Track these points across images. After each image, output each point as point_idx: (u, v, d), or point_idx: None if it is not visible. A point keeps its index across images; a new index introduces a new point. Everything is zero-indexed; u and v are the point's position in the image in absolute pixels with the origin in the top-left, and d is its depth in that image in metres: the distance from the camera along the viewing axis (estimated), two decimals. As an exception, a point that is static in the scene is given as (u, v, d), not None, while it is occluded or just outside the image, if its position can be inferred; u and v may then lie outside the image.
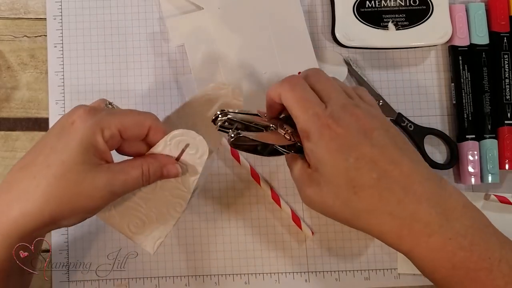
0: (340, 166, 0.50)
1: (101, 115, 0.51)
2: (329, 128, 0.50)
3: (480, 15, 0.72)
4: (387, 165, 0.50)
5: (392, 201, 0.49)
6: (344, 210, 0.51)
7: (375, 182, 0.49)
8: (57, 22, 0.73)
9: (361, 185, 0.49)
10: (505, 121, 0.71)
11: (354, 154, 0.50)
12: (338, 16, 0.71)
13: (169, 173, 0.54)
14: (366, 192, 0.49)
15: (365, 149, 0.50)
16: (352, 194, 0.50)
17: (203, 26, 0.71)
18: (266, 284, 0.70)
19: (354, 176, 0.49)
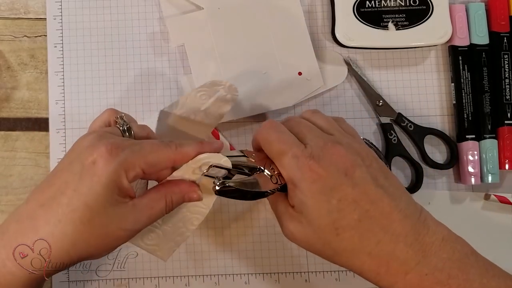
0: (322, 209, 0.50)
1: (124, 155, 0.49)
2: (310, 169, 0.50)
3: (480, 15, 0.72)
4: (368, 205, 0.50)
5: (372, 241, 0.49)
6: (326, 250, 0.51)
7: (356, 224, 0.49)
8: (57, 22, 0.73)
9: (343, 227, 0.50)
10: (505, 121, 0.71)
11: (336, 195, 0.50)
12: (338, 16, 0.71)
13: (191, 199, 0.54)
14: (348, 233, 0.50)
15: (347, 189, 0.50)
16: (334, 236, 0.50)
17: (203, 26, 0.71)
18: (266, 284, 0.70)
19: (337, 218, 0.50)
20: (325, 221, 0.50)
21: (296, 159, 0.51)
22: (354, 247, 0.50)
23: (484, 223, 0.71)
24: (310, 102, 0.73)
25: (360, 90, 0.73)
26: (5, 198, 0.70)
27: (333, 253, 0.51)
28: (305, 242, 0.52)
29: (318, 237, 0.50)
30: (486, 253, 0.71)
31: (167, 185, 0.54)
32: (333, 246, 0.50)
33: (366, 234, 0.49)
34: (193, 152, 0.53)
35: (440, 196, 0.72)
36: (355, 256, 0.50)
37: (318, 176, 0.50)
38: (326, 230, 0.50)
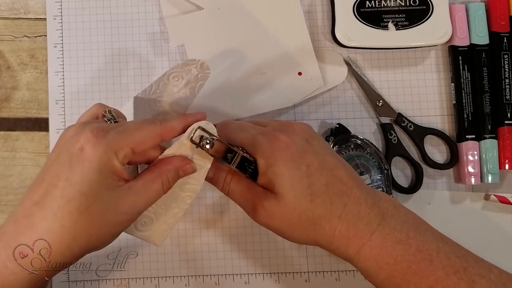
0: (295, 176, 0.52)
1: (111, 136, 0.49)
2: (277, 139, 0.53)
3: (480, 15, 0.72)
4: (329, 171, 0.53)
5: (340, 205, 0.52)
6: (302, 221, 0.52)
7: (325, 188, 0.52)
8: (57, 22, 0.73)
9: (315, 192, 0.52)
10: (505, 121, 0.71)
11: (304, 162, 0.53)
12: (338, 16, 0.71)
13: (186, 172, 0.54)
14: (320, 198, 0.52)
15: (311, 157, 0.53)
16: (309, 202, 0.52)
17: (203, 26, 0.71)
18: (266, 284, 0.70)
19: (308, 184, 0.52)
20: (299, 187, 0.52)
21: (262, 135, 0.54)
22: (326, 212, 0.52)
23: (484, 223, 0.71)
24: (310, 102, 0.73)
25: (360, 90, 0.73)
26: (5, 198, 0.70)
27: (309, 224, 0.52)
28: (280, 219, 0.53)
29: (294, 208, 0.52)
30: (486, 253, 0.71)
31: (159, 164, 0.54)
32: (309, 214, 0.52)
33: (334, 198, 0.52)
34: (178, 125, 0.54)
35: (440, 196, 0.72)
36: (328, 221, 0.52)
37: (285, 144, 0.53)
38: (301, 198, 0.52)
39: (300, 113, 0.73)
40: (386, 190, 0.68)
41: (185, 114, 0.56)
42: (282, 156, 0.52)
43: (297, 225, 0.53)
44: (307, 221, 0.52)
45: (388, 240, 0.51)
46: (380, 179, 0.69)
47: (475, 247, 0.71)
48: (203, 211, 0.71)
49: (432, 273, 0.51)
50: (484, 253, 0.71)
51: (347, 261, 0.54)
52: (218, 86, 0.70)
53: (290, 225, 0.53)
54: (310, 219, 0.52)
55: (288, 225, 0.53)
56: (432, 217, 0.71)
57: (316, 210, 0.52)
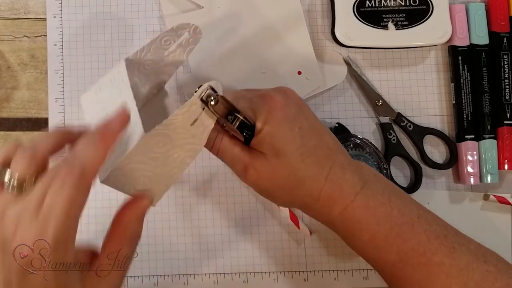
0: (288, 135, 0.54)
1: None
2: (273, 99, 0.55)
3: (480, 15, 0.72)
4: (318, 136, 0.56)
5: (326, 167, 0.55)
6: (291, 180, 0.54)
7: (314, 150, 0.55)
8: (57, 20, 0.73)
9: (306, 153, 0.54)
10: (504, 121, 0.71)
11: (297, 124, 0.55)
12: (338, 16, 0.71)
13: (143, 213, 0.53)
14: (310, 159, 0.54)
15: (303, 120, 0.55)
16: (299, 162, 0.54)
17: (203, 25, 0.71)
18: (265, 283, 0.70)
19: (300, 144, 0.54)
20: (292, 147, 0.54)
21: (259, 97, 0.56)
22: (314, 173, 0.54)
23: (483, 224, 0.71)
24: (309, 101, 0.73)
25: (359, 89, 0.73)
26: (5, 198, 0.70)
27: (297, 184, 0.54)
28: (270, 180, 0.54)
29: (284, 167, 0.54)
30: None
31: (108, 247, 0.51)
32: (298, 174, 0.54)
33: (322, 160, 0.55)
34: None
35: (439, 196, 0.72)
36: (316, 182, 0.54)
37: (281, 104, 0.55)
38: (293, 157, 0.54)
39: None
40: (385, 189, 0.69)
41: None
42: (278, 115, 0.54)
43: (286, 185, 0.55)
44: (295, 181, 0.54)
45: (371, 201, 0.54)
46: (379, 178, 0.69)
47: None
48: (202, 210, 0.71)
49: (414, 236, 0.53)
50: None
51: (328, 224, 0.57)
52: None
53: (279, 185, 0.55)
54: (299, 179, 0.54)
55: (277, 185, 0.55)
56: (431, 217, 0.71)
57: (306, 170, 0.54)
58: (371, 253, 0.56)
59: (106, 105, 0.55)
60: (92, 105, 0.57)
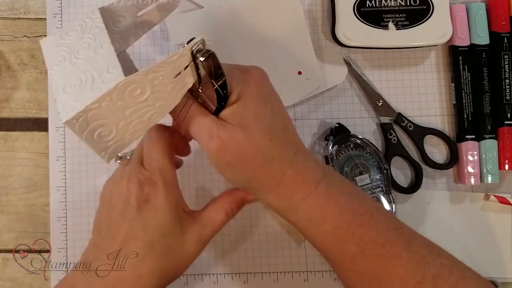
0: (261, 112, 0.53)
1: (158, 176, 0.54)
2: (249, 72, 0.54)
3: (480, 15, 0.72)
4: (285, 121, 0.55)
5: (291, 151, 0.54)
6: (256, 156, 0.53)
7: (282, 132, 0.54)
8: (57, 20, 0.73)
9: (275, 132, 0.53)
10: (505, 122, 0.71)
11: (269, 103, 0.54)
12: (338, 16, 0.71)
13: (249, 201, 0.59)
14: (278, 140, 0.53)
15: (274, 101, 0.55)
16: (268, 141, 0.53)
17: (203, 25, 0.71)
18: (265, 283, 0.70)
19: (270, 123, 0.53)
20: (262, 124, 0.53)
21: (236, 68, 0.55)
22: (281, 154, 0.53)
23: (484, 224, 0.71)
24: (310, 101, 0.73)
25: (360, 89, 0.73)
26: (5, 198, 0.71)
27: (261, 162, 0.53)
28: (234, 153, 0.52)
29: (251, 142, 0.52)
30: (485, 253, 0.72)
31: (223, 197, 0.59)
32: (265, 152, 0.53)
33: (288, 144, 0.54)
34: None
35: (440, 196, 0.72)
36: (281, 164, 0.53)
37: (258, 81, 0.54)
38: (262, 135, 0.52)
39: (299, 112, 0.73)
40: (386, 189, 0.68)
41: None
42: (254, 90, 0.53)
43: (250, 161, 0.53)
44: (261, 158, 0.53)
45: (332, 190, 0.54)
46: (379, 178, 0.69)
47: (474, 247, 0.71)
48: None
49: (374, 226, 0.53)
50: (483, 253, 0.71)
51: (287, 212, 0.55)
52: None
53: (242, 160, 0.53)
54: (265, 157, 0.53)
55: (241, 160, 0.53)
56: (432, 217, 0.71)
57: (273, 149, 0.53)
58: (332, 244, 0.54)
59: (74, 49, 0.53)
60: (56, 48, 0.54)
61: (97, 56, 0.51)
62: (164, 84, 0.50)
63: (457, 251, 0.71)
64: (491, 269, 0.70)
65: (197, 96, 0.55)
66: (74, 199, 0.70)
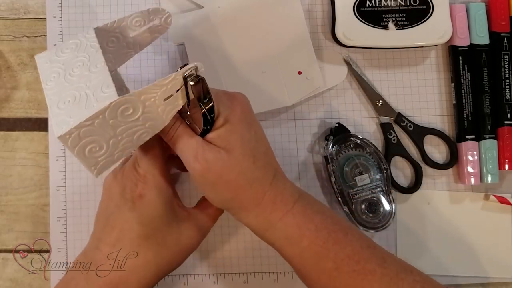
0: (245, 136, 0.55)
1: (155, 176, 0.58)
2: (236, 99, 0.57)
3: (480, 15, 0.72)
4: (266, 145, 0.58)
5: (271, 174, 0.57)
6: (239, 178, 0.55)
7: (264, 156, 0.57)
8: (57, 20, 0.73)
9: (258, 156, 0.56)
10: (505, 122, 0.71)
11: (253, 128, 0.57)
12: (338, 16, 0.71)
13: None
14: (260, 162, 0.56)
15: (256, 126, 0.58)
16: (251, 163, 0.55)
17: (203, 25, 0.71)
18: (265, 283, 0.70)
19: (254, 147, 0.56)
20: (247, 147, 0.55)
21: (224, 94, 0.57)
22: (262, 176, 0.56)
23: (484, 224, 0.71)
24: (309, 101, 0.73)
25: (360, 89, 0.73)
26: (5, 198, 0.71)
27: (244, 184, 0.55)
28: (218, 174, 0.54)
29: (235, 164, 0.55)
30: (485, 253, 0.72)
31: None
32: (247, 175, 0.55)
33: (268, 167, 0.57)
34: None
35: (440, 196, 0.72)
36: (262, 185, 0.56)
37: (243, 107, 0.57)
38: (246, 157, 0.55)
39: (299, 112, 0.73)
40: (386, 189, 0.68)
41: None
42: (240, 115, 0.56)
43: (233, 182, 0.55)
44: (243, 180, 0.55)
45: (308, 209, 0.57)
46: (379, 178, 0.69)
47: (474, 247, 0.71)
48: (202, 210, 0.71)
49: (349, 243, 0.55)
50: (483, 253, 0.71)
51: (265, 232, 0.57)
52: (218, 85, 0.70)
53: (225, 181, 0.55)
54: (247, 179, 0.55)
55: (223, 181, 0.55)
56: (432, 217, 0.71)
57: (255, 172, 0.55)
58: (309, 260, 0.56)
59: (69, 66, 0.54)
60: (51, 64, 0.55)
61: (91, 75, 0.53)
62: (155, 105, 0.53)
63: (457, 251, 0.71)
64: (491, 269, 0.70)
65: (185, 117, 0.57)
66: (74, 199, 0.70)
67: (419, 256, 0.70)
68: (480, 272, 0.70)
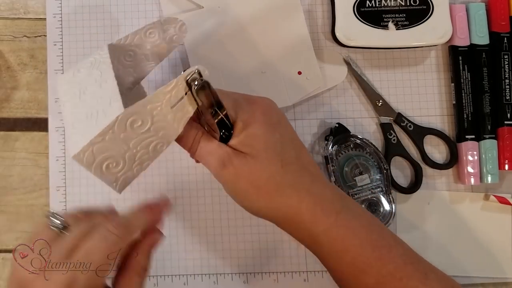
0: (270, 139, 0.54)
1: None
2: (256, 102, 0.56)
3: (480, 15, 0.72)
4: (298, 148, 0.56)
5: (308, 179, 0.54)
6: (269, 183, 0.53)
7: (295, 160, 0.55)
8: (57, 20, 0.73)
9: (286, 159, 0.54)
10: (504, 122, 0.71)
11: (279, 130, 0.55)
12: (338, 16, 0.71)
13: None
14: (290, 167, 0.54)
15: (284, 129, 0.56)
16: (280, 167, 0.53)
17: (203, 25, 0.71)
18: (265, 283, 0.70)
19: (281, 150, 0.54)
20: (272, 151, 0.53)
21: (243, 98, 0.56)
22: (295, 181, 0.54)
23: (484, 224, 0.71)
24: (309, 101, 0.73)
25: (360, 89, 0.73)
26: (5, 199, 0.71)
27: (276, 189, 0.53)
28: (247, 180, 0.53)
29: (263, 169, 0.53)
30: (485, 253, 0.72)
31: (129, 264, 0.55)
32: (277, 179, 0.53)
33: (303, 172, 0.54)
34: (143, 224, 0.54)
35: (440, 196, 0.72)
36: (297, 191, 0.53)
37: (264, 109, 0.55)
38: (273, 161, 0.53)
39: (299, 112, 0.73)
40: (386, 189, 0.68)
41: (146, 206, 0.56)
42: (260, 118, 0.54)
43: (264, 187, 0.53)
44: (274, 185, 0.53)
45: (353, 222, 0.54)
46: (379, 178, 0.69)
47: (473, 247, 0.71)
48: (202, 209, 0.71)
49: (392, 260, 0.53)
50: (483, 253, 0.71)
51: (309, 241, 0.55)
52: (218, 85, 0.70)
53: (256, 186, 0.53)
54: (278, 184, 0.53)
55: (254, 187, 0.53)
56: (432, 217, 0.71)
57: (286, 176, 0.53)
58: (351, 275, 0.54)
59: (83, 85, 0.55)
60: (68, 86, 0.56)
61: (101, 91, 0.53)
62: (163, 114, 0.52)
63: (457, 251, 0.71)
64: (491, 269, 0.70)
65: (203, 124, 0.56)
66: (74, 199, 0.70)
67: (419, 256, 0.70)
68: (480, 272, 0.70)
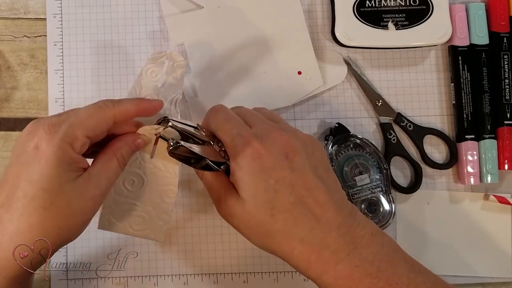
0: (259, 187, 0.51)
1: (63, 130, 0.50)
2: (252, 147, 0.51)
3: (480, 15, 0.72)
4: (304, 191, 0.51)
5: (305, 227, 0.51)
6: (260, 229, 0.52)
7: (291, 207, 0.51)
8: (57, 20, 0.73)
9: (278, 207, 0.51)
10: (504, 121, 0.71)
11: (274, 176, 0.51)
12: (338, 16, 0.71)
13: (138, 146, 0.57)
14: (282, 215, 0.51)
15: (285, 172, 0.51)
16: (269, 216, 0.51)
17: (203, 25, 0.71)
18: (265, 283, 0.70)
19: (272, 198, 0.51)
20: (261, 199, 0.51)
21: (240, 137, 0.52)
22: (287, 230, 0.51)
23: (483, 224, 0.71)
24: (309, 101, 0.73)
25: (359, 89, 0.73)
26: (5, 198, 0.70)
27: (266, 233, 0.52)
28: (240, 220, 0.53)
29: (253, 215, 0.51)
30: (485, 253, 0.72)
31: (112, 144, 0.55)
32: (267, 227, 0.51)
33: (300, 219, 0.51)
34: (131, 108, 0.54)
35: (439, 196, 0.72)
36: (287, 240, 0.51)
37: (259, 154, 0.51)
38: (262, 209, 0.51)
39: (299, 113, 0.73)
40: (385, 189, 0.68)
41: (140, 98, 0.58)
42: (251, 164, 0.51)
43: (255, 230, 0.53)
44: (264, 231, 0.52)
45: (356, 272, 0.50)
46: (379, 178, 0.69)
47: (473, 247, 0.71)
48: (202, 210, 0.71)
49: None
50: (483, 253, 0.71)
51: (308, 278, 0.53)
52: (218, 85, 0.70)
53: (249, 227, 0.53)
54: (268, 231, 0.52)
55: (247, 227, 0.53)
56: (431, 217, 0.71)
57: (275, 225, 0.51)
58: None
59: None
60: None
61: None
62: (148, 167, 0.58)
63: (456, 251, 0.71)
64: (491, 269, 0.70)
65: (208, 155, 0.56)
66: (74, 199, 0.70)
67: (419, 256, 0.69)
68: (479, 271, 0.70)
